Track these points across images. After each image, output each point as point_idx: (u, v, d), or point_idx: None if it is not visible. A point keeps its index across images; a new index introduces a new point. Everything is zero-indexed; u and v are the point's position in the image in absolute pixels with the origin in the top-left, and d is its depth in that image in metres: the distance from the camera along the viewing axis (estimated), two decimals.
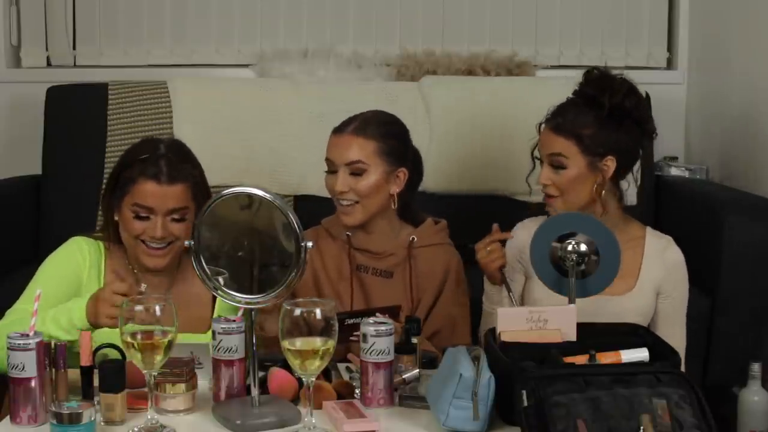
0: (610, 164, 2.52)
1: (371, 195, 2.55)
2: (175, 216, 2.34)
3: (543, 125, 2.57)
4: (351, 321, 2.29)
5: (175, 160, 2.38)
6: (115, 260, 2.45)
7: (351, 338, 2.25)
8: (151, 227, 2.34)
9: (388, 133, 2.60)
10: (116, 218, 2.40)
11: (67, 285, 2.40)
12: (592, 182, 2.51)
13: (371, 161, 2.55)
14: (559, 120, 2.52)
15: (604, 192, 2.51)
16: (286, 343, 1.88)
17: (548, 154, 2.53)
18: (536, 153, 2.63)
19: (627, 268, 2.45)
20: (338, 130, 2.60)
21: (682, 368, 2.52)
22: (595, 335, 2.09)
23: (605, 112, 2.50)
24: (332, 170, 2.57)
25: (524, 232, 2.56)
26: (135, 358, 1.91)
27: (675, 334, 2.53)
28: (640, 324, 2.52)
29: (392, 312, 2.35)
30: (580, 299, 2.24)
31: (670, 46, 4.06)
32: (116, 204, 2.38)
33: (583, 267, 2.23)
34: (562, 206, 2.51)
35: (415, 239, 2.62)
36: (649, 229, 2.62)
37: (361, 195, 2.54)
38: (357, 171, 2.54)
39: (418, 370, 2.14)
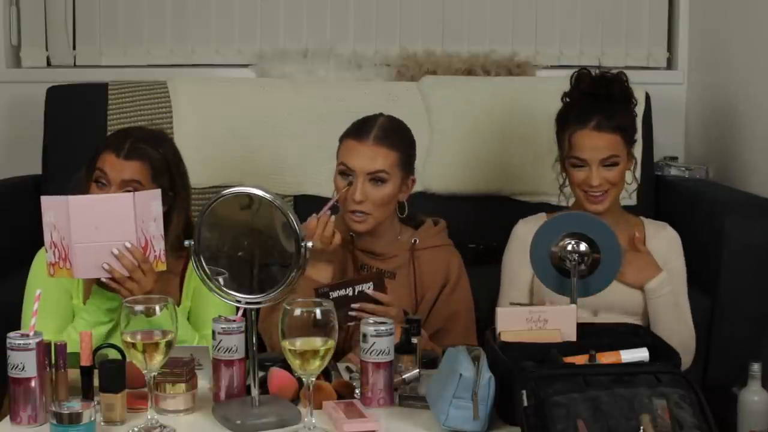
0: (634, 149, 2.64)
1: (385, 205, 2.55)
2: (128, 189, 2.42)
3: (574, 129, 2.56)
4: (336, 294, 2.31)
5: (139, 141, 2.48)
6: None
7: (350, 313, 2.32)
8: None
9: (405, 142, 2.61)
10: None
11: (63, 283, 2.45)
12: (626, 170, 2.60)
13: (392, 172, 2.54)
14: (599, 118, 2.54)
15: None
16: (286, 343, 1.88)
17: (602, 158, 2.54)
18: (559, 178, 2.65)
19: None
20: (356, 136, 2.55)
21: (693, 341, 2.65)
22: (595, 335, 2.09)
23: (625, 103, 2.61)
24: (347, 174, 2.53)
25: (528, 226, 2.59)
26: (135, 358, 1.91)
27: (681, 310, 2.64)
28: (643, 305, 2.58)
29: (376, 280, 2.36)
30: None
31: (670, 46, 4.06)
32: (86, 180, 2.49)
33: (583, 267, 2.23)
34: (613, 200, 2.59)
35: (417, 241, 2.62)
36: (643, 218, 2.74)
37: (376, 205, 2.52)
38: (379, 179, 2.52)
39: (418, 370, 2.14)
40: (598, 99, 2.58)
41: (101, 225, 2.28)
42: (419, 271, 2.61)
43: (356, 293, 2.36)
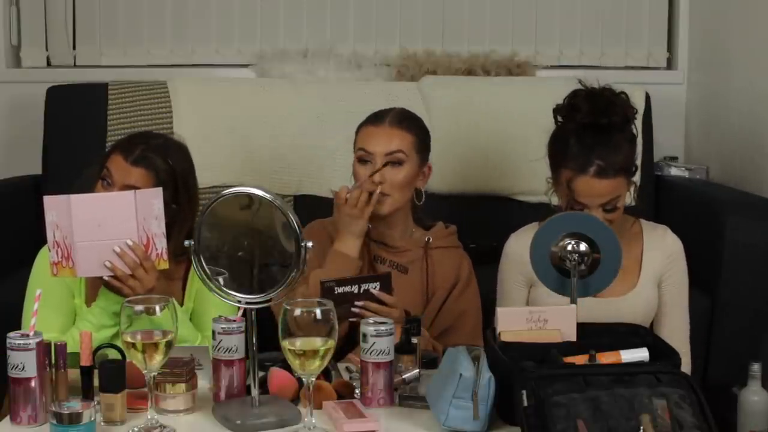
0: (636, 171, 2.52)
1: (403, 188, 2.58)
2: None
3: (573, 174, 2.42)
4: (341, 290, 2.32)
5: (150, 149, 2.47)
6: None
7: (352, 309, 2.34)
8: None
9: (420, 128, 2.66)
10: None
11: (66, 283, 2.44)
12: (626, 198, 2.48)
13: (409, 153, 2.59)
14: (599, 163, 2.40)
15: None
16: (286, 343, 1.88)
17: (604, 202, 2.41)
18: (550, 194, 2.54)
19: (628, 266, 2.45)
20: (372, 122, 2.62)
21: (689, 359, 2.56)
22: (595, 335, 2.09)
23: (626, 132, 2.47)
24: (365, 160, 2.58)
25: (519, 242, 2.56)
26: (135, 358, 1.91)
27: (679, 324, 2.58)
28: (648, 318, 2.53)
29: (383, 280, 2.36)
30: (586, 304, 2.25)
31: (670, 46, 4.07)
32: (96, 177, 2.48)
33: (583, 267, 2.23)
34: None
35: (431, 240, 2.64)
36: (643, 222, 2.63)
37: (395, 187, 2.56)
38: (396, 161, 2.56)
39: (418, 370, 2.14)
40: (598, 131, 2.44)
41: (103, 223, 2.28)
42: (432, 269, 2.64)
43: (361, 291, 2.37)
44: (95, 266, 2.30)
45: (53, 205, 2.29)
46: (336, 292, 2.32)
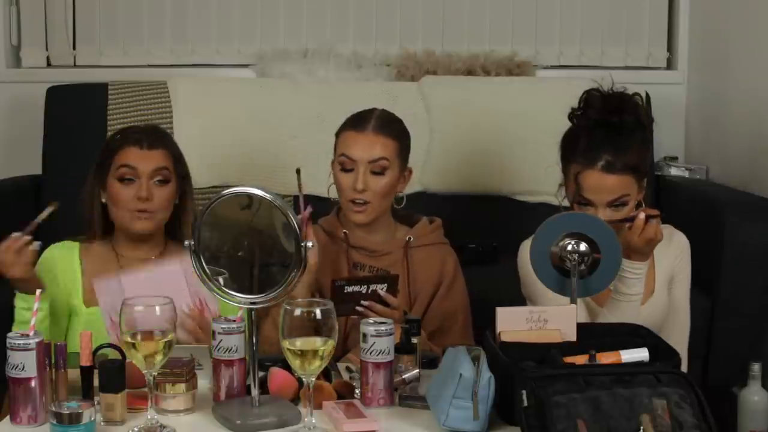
0: (647, 176, 2.49)
1: (386, 195, 2.56)
2: (159, 178, 2.49)
3: (581, 167, 2.40)
4: (351, 289, 2.33)
5: (152, 131, 2.56)
6: (93, 255, 2.54)
7: (357, 308, 2.35)
8: (137, 189, 2.46)
9: (402, 132, 2.63)
10: (103, 200, 2.53)
11: (60, 284, 2.47)
12: (636, 204, 2.45)
13: (392, 160, 2.55)
14: (608, 158, 2.38)
15: None
16: (286, 343, 1.88)
17: (610, 200, 2.39)
18: (560, 194, 2.51)
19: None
20: (355, 127, 2.57)
21: (685, 351, 2.55)
22: (596, 335, 2.09)
23: (637, 133, 2.44)
24: (349, 168, 2.55)
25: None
26: (135, 358, 1.91)
27: (685, 322, 2.57)
28: (664, 321, 2.52)
29: (390, 282, 2.37)
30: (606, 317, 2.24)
31: (670, 46, 4.07)
32: (103, 181, 2.51)
33: (583, 267, 2.23)
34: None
35: (412, 239, 2.62)
36: None
37: (377, 194, 2.54)
38: (379, 169, 2.53)
39: (418, 370, 2.14)
40: (609, 128, 2.42)
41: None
42: (413, 269, 2.61)
43: (369, 291, 2.38)
44: None
45: (105, 290, 2.34)
46: (345, 291, 2.35)
